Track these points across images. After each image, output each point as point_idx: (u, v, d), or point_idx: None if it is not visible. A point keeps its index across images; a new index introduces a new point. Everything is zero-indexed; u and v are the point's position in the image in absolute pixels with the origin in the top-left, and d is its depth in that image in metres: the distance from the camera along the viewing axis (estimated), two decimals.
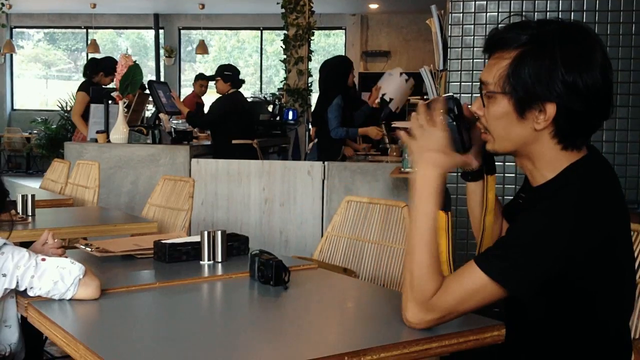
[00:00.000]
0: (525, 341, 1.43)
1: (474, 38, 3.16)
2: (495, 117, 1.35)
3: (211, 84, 5.83)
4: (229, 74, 5.51)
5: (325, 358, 1.18)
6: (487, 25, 3.12)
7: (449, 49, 3.18)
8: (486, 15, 3.14)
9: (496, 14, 3.12)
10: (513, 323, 1.42)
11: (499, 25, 1.38)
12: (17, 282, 1.56)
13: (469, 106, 1.43)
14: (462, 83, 3.16)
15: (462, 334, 1.33)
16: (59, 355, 3.23)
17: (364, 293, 1.83)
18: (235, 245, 2.07)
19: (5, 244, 1.59)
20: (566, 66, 1.27)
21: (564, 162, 1.35)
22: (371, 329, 1.44)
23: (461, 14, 3.15)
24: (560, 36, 1.31)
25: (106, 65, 5.89)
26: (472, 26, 3.16)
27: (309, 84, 8.26)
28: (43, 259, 1.59)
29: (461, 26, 3.16)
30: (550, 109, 1.29)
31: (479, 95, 1.39)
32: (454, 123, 1.38)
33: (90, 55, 11.01)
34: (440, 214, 1.36)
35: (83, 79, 5.92)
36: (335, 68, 5.21)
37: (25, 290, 1.57)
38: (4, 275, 1.55)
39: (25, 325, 1.73)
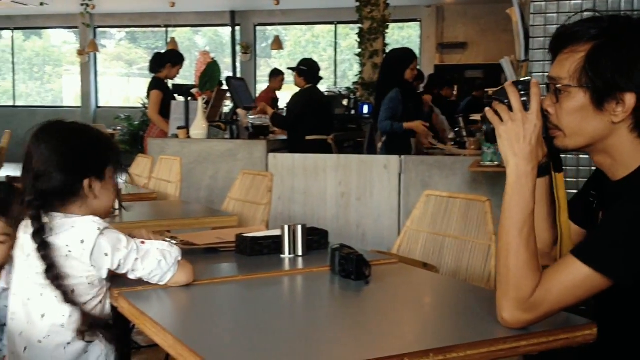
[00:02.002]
0: (617, 340, 1.38)
1: (557, 27, 3.06)
2: (570, 112, 1.34)
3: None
4: (303, 69, 5.50)
5: (410, 354, 1.17)
6: (571, 14, 3.01)
7: (530, 39, 3.09)
8: (570, 2, 3.04)
9: (580, 1, 3.01)
10: (603, 322, 1.37)
11: (566, 22, 1.39)
12: (119, 265, 1.60)
13: None
14: (545, 74, 3.06)
15: (553, 333, 1.29)
16: (145, 345, 3.34)
17: (446, 289, 1.81)
18: (315, 239, 2.08)
19: (106, 227, 1.62)
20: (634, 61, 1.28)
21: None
22: (455, 325, 1.42)
23: (544, 3, 3.05)
24: (635, 28, 1.31)
25: (172, 56, 6.01)
26: (556, 15, 3.05)
27: None
28: (142, 242, 1.64)
29: (544, 15, 3.06)
30: (630, 99, 1.29)
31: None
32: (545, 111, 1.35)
33: None
34: None
35: (151, 77, 6.02)
36: (393, 60, 5.04)
37: (127, 273, 1.62)
38: (107, 255, 1.59)
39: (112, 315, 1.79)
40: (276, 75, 8.52)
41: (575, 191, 1.64)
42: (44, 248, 1.57)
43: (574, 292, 1.27)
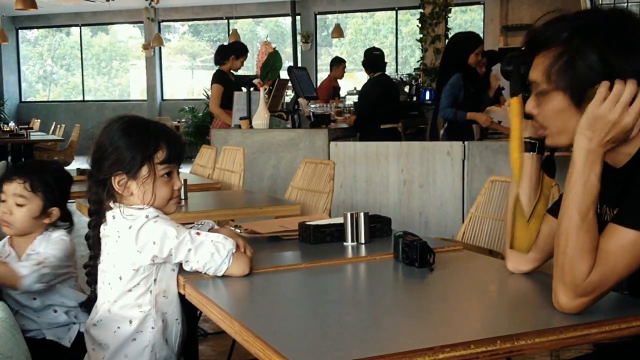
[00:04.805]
0: None
1: (627, 5, 2.94)
2: (552, 114, 1.37)
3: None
4: (364, 59, 5.65)
5: (477, 341, 1.15)
6: None
7: None
8: None
9: None
10: None
11: (536, 24, 1.40)
12: (171, 255, 1.61)
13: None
14: None
15: (625, 320, 1.25)
16: (211, 332, 3.41)
17: (512, 276, 1.77)
18: (378, 226, 2.07)
19: (157, 216, 1.64)
20: (615, 53, 1.29)
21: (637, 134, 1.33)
22: (522, 313, 1.39)
23: None
24: (602, 25, 1.33)
25: (235, 49, 6.12)
26: None
27: None
28: (198, 233, 1.64)
29: None
30: None
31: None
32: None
33: None
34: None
35: (215, 69, 6.14)
36: (457, 44, 4.94)
37: (182, 264, 1.64)
38: (154, 243, 1.60)
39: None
40: (338, 64, 8.50)
41: None
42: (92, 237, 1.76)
43: (625, 261, 1.26)
